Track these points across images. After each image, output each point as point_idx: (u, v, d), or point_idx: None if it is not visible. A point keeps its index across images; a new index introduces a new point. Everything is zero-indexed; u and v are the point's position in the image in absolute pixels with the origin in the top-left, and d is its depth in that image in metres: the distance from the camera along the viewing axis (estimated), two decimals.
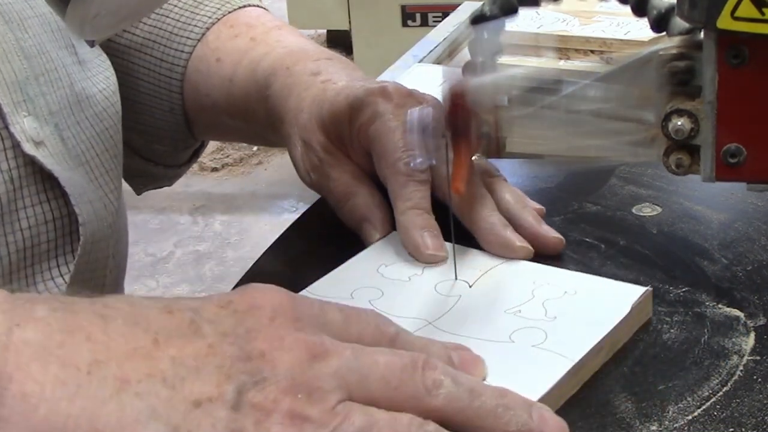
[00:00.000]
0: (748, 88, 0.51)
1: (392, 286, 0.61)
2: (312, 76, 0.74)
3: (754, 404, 0.51)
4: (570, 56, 1.04)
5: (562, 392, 0.51)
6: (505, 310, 0.57)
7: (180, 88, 0.84)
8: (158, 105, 0.85)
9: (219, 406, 0.41)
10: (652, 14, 0.55)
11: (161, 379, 0.41)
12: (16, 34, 0.64)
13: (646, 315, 0.58)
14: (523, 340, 0.54)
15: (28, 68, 0.64)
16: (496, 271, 0.62)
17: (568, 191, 0.75)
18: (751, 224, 0.68)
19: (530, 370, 0.52)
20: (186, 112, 0.85)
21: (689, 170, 0.54)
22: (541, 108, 0.56)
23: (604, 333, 0.54)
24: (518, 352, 0.53)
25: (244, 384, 0.42)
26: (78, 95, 0.68)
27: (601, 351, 0.54)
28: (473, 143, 0.57)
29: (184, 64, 0.83)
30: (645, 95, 0.54)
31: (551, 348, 0.53)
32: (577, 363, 0.52)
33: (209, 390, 0.41)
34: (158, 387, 0.41)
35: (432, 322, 0.57)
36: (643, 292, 0.57)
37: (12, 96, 0.62)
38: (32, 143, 0.62)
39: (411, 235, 0.64)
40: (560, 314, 0.56)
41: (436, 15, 2.71)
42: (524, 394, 0.47)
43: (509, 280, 0.61)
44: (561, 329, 0.55)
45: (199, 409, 0.41)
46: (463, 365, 0.49)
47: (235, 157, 3.09)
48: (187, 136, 0.88)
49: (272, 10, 0.90)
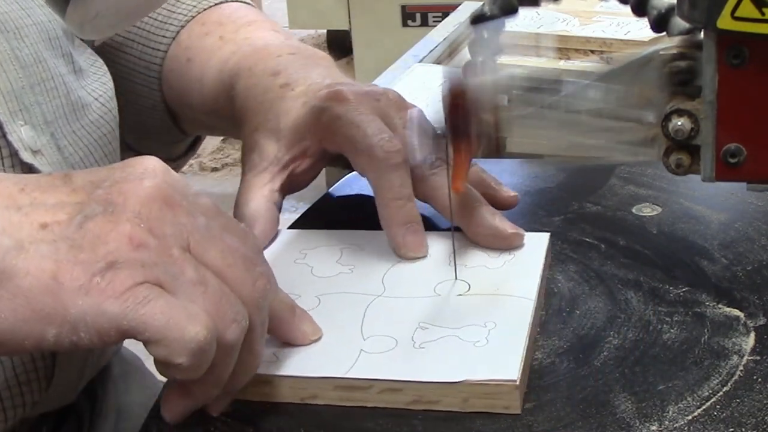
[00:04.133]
0: (748, 88, 0.51)
1: None
2: (271, 77, 0.73)
3: (754, 404, 0.51)
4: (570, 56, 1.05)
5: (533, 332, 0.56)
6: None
7: (158, 86, 0.84)
8: (141, 102, 0.85)
9: (64, 227, 0.46)
10: (652, 14, 0.55)
11: (16, 209, 0.47)
12: (12, 44, 0.64)
13: (550, 256, 0.64)
14: None
15: (24, 78, 0.64)
16: None
17: (568, 191, 0.75)
18: (751, 224, 0.68)
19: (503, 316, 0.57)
20: (169, 109, 0.85)
21: (689, 170, 0.54)
22: (541, 108, 0.56)
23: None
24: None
25: (93, 210, 0.47)
26: (74, 104, 0.68)
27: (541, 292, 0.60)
28: (473, 143, 0.57)
29: (160, 62, 0.83)
30: (645, 95, 0.54)
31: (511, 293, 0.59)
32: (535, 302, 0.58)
33: (59, 217, 0.47)
34: (11, 214, 0.47)
35: None
36: (548, 237, 0.64)
37: (8, 105, 0.62)
38: (30, 152, 0.62)
39: (392, 232, 0.64)
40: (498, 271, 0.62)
41: (436, 15, 2.71)
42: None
43: None
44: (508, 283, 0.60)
45: (45, 230, 0.46)
46: None
47: (235, 157, 3.09)
48: (174, 132, 0.88)
49: (272, 10, 0.91)
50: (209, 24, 0.83)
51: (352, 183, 0.78)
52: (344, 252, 0.65)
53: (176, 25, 0.83)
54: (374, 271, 0.63)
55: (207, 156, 3.11)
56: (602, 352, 0.56)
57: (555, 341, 0.57)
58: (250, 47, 0.78)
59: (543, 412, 0.51)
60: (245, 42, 0.79)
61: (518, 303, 0.58)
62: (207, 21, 0.83)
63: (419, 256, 0.64)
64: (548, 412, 0.51)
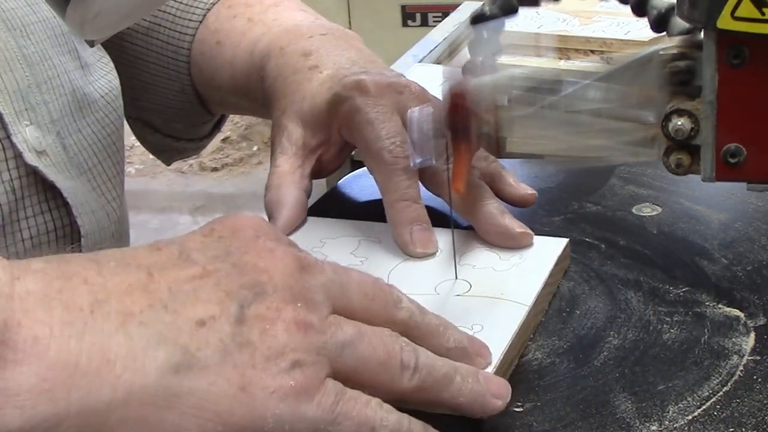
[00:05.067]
0: (748, 88, 0.51)
1: None
2: (302, 57, 0.73)
3: (754, 404, 0.51)
4: (570, 56, 1.05)
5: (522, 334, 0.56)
6: None
7: (187, 70, 0.84)
8: (170, 86, 0.85)
9: (223, 322, 0.43)
10: (652, 14, 0.55)
11: (162, 306, 0.42)
12: (18, 42, 0.64)
13: (566, 261, 0.64)
14: None
15: (30, 76, 0.64)
16: None
17: (568, 191, 0.75)
18: (751, 224, 0.68)
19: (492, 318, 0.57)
20: (197, 91, 0.86)
21: (689, 170, 0.54)
22: (541, 108, 0.56)
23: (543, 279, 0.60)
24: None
25: (245, 297, 0.44)
26: (80, 101, 0.68)
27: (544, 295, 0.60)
28: (473, 143, 0.57)
29: (188, 47, 0.83)
30: (645, 95, 0.54)
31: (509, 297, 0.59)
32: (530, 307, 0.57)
33: (211, 309, 0.43)
34: (161, 314, 0.42)
35: None
36: (565, 244, 0.63)
37: (14, 105, 0.62)
38: (34, 153, 0.62)
39: (399, 231, 0.64)
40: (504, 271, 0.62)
41: (436, 15, 2.71)
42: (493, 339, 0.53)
43: None
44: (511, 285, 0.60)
45: (204, 327, 0.42)
46: None
47: (235, 157, 3.09)
48: (201, 113, 0.88)
49: None
50: (236, 6, 0.83)
51: (353, 182, 0.78)
52: (361, 243, 0.66)
53: (203, 8, 0.83)
54: (383, 265, 0.63)
55: (207, 156, 3.11)
56: (602, 352, 0.56)
57: (555, 341, 0.57)
58: (280, 27, 0.78)
59: (543, 412, 0.51)
60: (275, 23, 0.79)
61: (512, 308, 0.57)
62: (233, 3, 0.83)
63: (429, 253, 0.64)
64: (548, 412, 0.51)
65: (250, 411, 0.42)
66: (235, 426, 0.42)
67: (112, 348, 0.41)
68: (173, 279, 0.44)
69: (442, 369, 0.48)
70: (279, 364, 0.43)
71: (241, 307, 0.43)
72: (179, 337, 0.42)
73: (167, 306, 0.42)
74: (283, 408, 0.42)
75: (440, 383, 0.48)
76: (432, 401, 0.48)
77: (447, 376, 0.48)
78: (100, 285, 0.42)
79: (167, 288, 0.43)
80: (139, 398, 0.41)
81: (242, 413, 0.42)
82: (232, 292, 0.44)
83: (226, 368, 0.42)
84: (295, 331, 0.44)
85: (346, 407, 0.44)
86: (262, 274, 0.45)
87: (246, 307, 0.43)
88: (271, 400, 0.42)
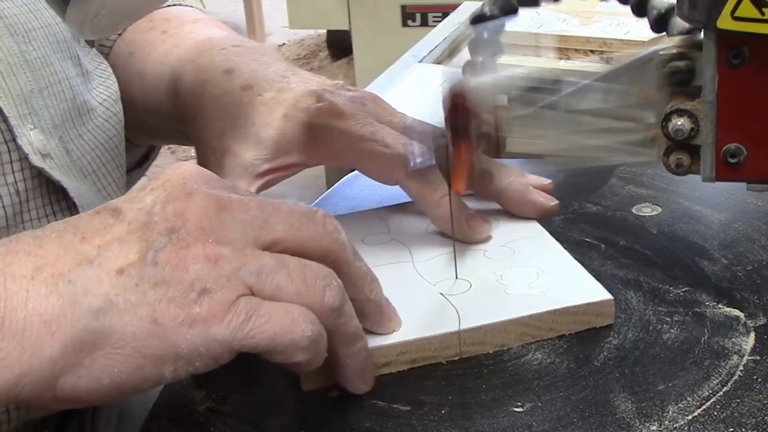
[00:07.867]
0: (748, 88, 0.51)
1: None
2: (225, 75, 0.71)
3: (754, 404, 0.51)
4: (570, 56, 1.05)
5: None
6: None
7: None
8: None
9: (140, 267, 0.47)
10: (652, 14, 0.55)
11: (88, 263, 0.47)
12: (21, 47, 0.64)
13: (606, 319, 0.58)
14: None
15: (33, 81, 0.64)
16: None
17: (568, 191, 0.75)
18: (751, 224, 0.68)
19: None
20: None
21: (689, 170, 0.54)
22: (541, 108, 0.56)
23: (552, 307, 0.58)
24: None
25: (160, 243, 0.47)
26: (80, 108, 0.68)
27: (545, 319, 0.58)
28: (473, 143, 0.57)
29: (105, 59, 0.81)
30: (645, 95, 0.54)
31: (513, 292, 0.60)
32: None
33: (131, 258, 0.47)
34: (86, 270, 0.47)
35: None
36: (603, 299, 0.58)
37: (18, 109, 0.62)
38: (39, 156, 0.62)
39: (457, 224, 0.65)
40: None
41: (436, 15, 2.71)
42: None
43: None
44: None
45: (123, 275, 0.47)
46: None
47: None
48: None
49: (272, 10, 0.90)
50: (156, 20, 0.82)
51: (353, 183, 0.78)
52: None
53: None
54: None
55: None
56: (602, 352, 0.56)
57: (555, 341, 0.57)
58: (193, 41, 0.77)
59: (543, 412, 0.51)
60: (189, 36, 0.78)
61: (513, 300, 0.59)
62: (154, 17, 0.82)
63: (485, 237, 0.66)
64: (548, 412, 0.51)
65: (163, 341, 0.46)
66: (153, 357, 0.46)
67: (48, 309, 0.46)
68: (101, 238, 0.48)
69: (356, 327, 0.51)
70: (188, 295, 0.47)
71: (156, 251, 0.47)
72: (100, 287, 0.46)
73: (92, 262, 0.47)
74: (193, 333, 0.46)
75: (346, 337, 0.51)
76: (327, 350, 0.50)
77: (355, 335, 0.51)
78: (39, 255, 0.47)
79: (96, 247, 0.47)
80: (72, 347, 0.45)
81: (156, 344, 0.46)
82: (149, 239, 0.47)
83: (141, 307, 0.46)
84: (205, 262, 0.47)
85: (258, 321, 0.47)
86: (178, 219, 0.48)
87: (160, 250, 0.47)
88: (181, 328, 0.46)
